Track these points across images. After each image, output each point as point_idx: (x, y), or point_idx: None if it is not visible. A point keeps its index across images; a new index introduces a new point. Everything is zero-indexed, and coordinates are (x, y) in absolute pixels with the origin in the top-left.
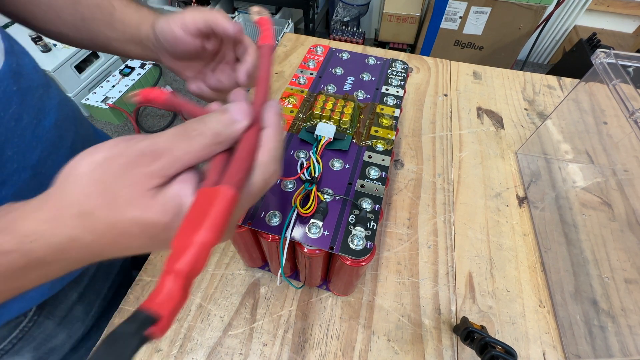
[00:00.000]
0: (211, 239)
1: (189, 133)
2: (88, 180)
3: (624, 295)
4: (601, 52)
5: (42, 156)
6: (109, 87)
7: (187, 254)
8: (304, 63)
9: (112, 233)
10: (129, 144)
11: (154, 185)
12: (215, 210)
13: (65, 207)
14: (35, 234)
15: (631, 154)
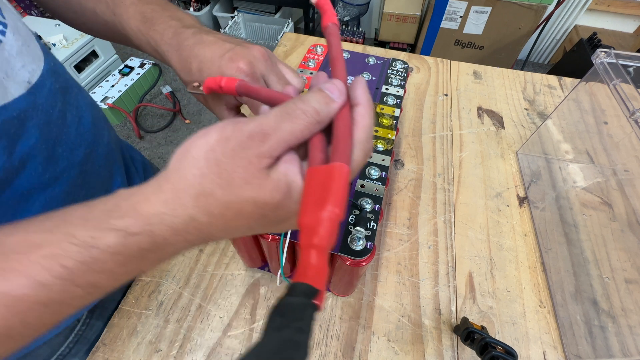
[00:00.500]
0: (339, 213)
1: (292, 113)
2: (205, 162)
3: (624, 296)
4: (602, 51)
5: (85, 153)
6: (108, 87)
7: (322, 230)
8: (304, 63)
9: (227, 213)
10: (237, 127)
11: (265, 166)
12: (337, 187)
13: (183, 188)
14: (158, 216)
15: (632, 154)
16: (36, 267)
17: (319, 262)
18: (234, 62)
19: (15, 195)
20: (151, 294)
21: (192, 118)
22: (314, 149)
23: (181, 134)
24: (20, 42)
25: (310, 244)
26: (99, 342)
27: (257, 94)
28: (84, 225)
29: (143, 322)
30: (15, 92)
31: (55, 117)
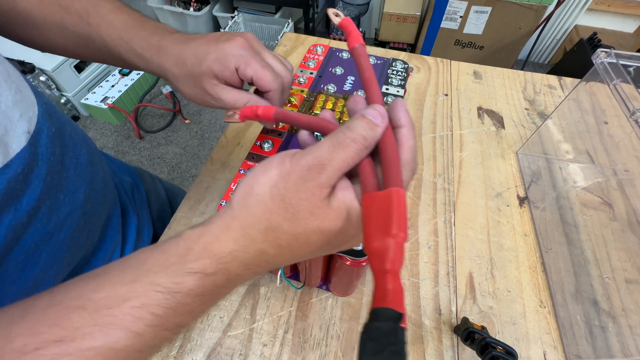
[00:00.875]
0: (405, 237)
1: (343, 142)
2: (270, 198)
3: (624, 296)
4: (602, 51)
5: (85, 194)
6: (108, 87)
7: (392, 254)
8: (304, 63)
9: (294, 244)
10: (294, 160)
11: (325, 195)
12: (398, 212)
13: (252, 224)
14: (231, 254)
15: (632, 154)
16: (130, 319)
17: (396, 286)
18: (232, 40)
19: (23, 251)
20: None
21: (192, 118)
22: (366, 175)
23: (181, 134)
24: (13, 90)
25: (384, 269)
26: None
27: (296, 120)
28: (164, 272)
29: None
30: (16, 146)
31: (55, 163)
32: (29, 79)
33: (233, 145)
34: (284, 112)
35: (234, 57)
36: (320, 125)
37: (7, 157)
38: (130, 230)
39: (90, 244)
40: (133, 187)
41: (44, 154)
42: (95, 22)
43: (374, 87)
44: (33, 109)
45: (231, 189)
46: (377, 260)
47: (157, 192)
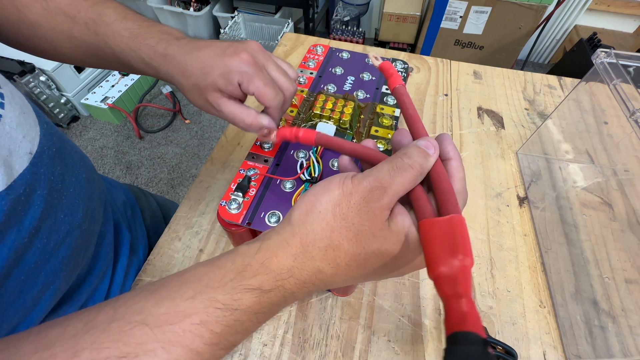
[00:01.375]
0: (471, 261)
1: (402, 167)
2: (332, 216)
3: (624, 296)
4: (602, 51)
5: (83, 213)
6: (108, 87)
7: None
8: (303, 63)
9: (352, 264)
10: (355, 182)
11: (386, 217)
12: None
13: (312, 242)
14: (288, 271)
15: (632, 154)
16: (189, 336)
17: (472, 309)
18: (236, 55)
19: (24, 272)
20: None
21: (192, 118)
22: (423, 201)
23: (181, 134)
24: (17, 111)
25: (457, 293)
26: None
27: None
28: (223, 288)
29: None
30: (19, 167)
31: (56, 183)
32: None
33: (233, 145)
34: (327, 137)
35: (238, 73)
36: (366, 153)
37: (11, 177)
38: (123, 247)
39: (86, 262)
40: (126, 204)
41: (46, 174)
42: (103, 31)
43: (418, 123)
44: (35, 129)
45: (231, 189)
46: (447, 285)
47: (150, 208)
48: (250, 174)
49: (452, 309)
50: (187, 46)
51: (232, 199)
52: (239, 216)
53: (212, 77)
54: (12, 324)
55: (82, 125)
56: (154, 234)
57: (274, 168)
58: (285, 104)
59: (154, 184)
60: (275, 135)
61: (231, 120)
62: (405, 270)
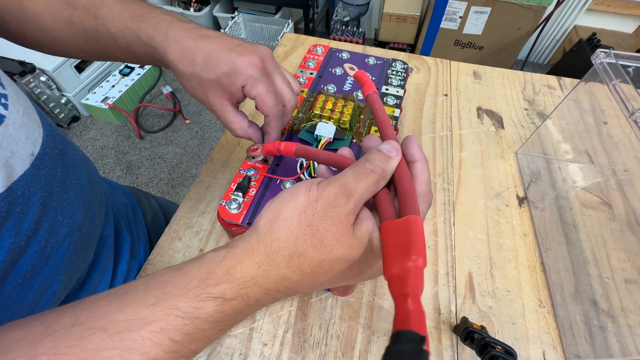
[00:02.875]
0: (423, 262)
1: (364, 172)
2: (297, 223)
3: (624, 295)
4: (601, 52)
5: (83, 216)
6: (108, 87)
7: (413, 278)
8: (303, 63)
9: (317, 271)
10: (321, 187)
11: (352, 222)
12: (416, 238)
13: (277, 249)
14: (252, 279)
15: (631, 154)
16: (148, 344)
17: (417, 309)
18: (246, 56)
19: (21, 275)
20: None
21: (192, 118)
22: (385, 204)
23: (181, 134)
24: (21, 112)
25: (404, 293)
26: None
27: (316, 155)
28: (185, 295)
29: None
30: (20, 169)
31: (56, 185)
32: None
33: (233, 145)
34: (305, 148)
35: (243, 75)
36: (338, 160)
37: (12, 179)
38: (123, 251)
39: (86, 266)
40: (128, 208)
41: (46, 176)
42: (102, 14)
43: (388, 127)
44: (38, 130)
45: (231, 188)
46: (397, 285)
47: (153, 212)
48: (251, 174)
49: (398, 308)
50: (193, 32)
51: (232, 199)
52: (239, 216)
53: (216, 73)
54: None
55: (82, 126)
56: (155, 236)
57: (274, 168)
58: (285, 116)
59: (154, 184)
60: (261, 151)
61: (224, 122)
62: (370, 274)
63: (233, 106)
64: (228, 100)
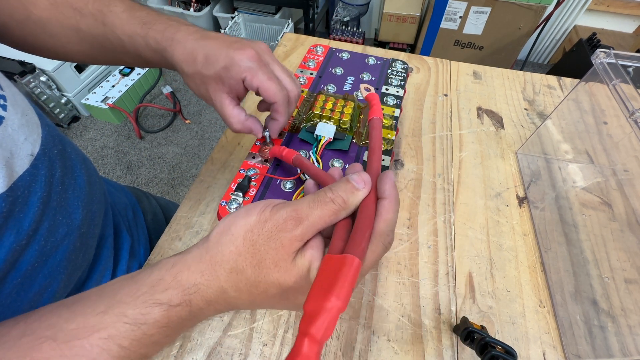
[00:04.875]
0: (341, 306)
1: (322, 200)
2: (242, 240)
3: (624, 295)
4: (601, 52)
5: (83, 216)
6: (108, 87)
7: (321, 320)
8: (304, 63)
9: (253, 291)
10: (274, 210)
11: (295, 249)
12: (343, 279)
13: (219, 262)
14: (195, 286)
15: (631, 154)
16: (97, 350)
17: (309, 353)
18: (243, 50)
19: (20, 274)
20: None
21: (192, 118)
22: (336, 237)
23: (181, 134)
24: (19, 113)
25: (306, 331)
26: None
27: (307, 169)
28: (133, 302)
29: None
30: (20, 169)
31: (55, 185)
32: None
33: (233, 145)
34: (301, 158)
35: (242, 68)
36: (323, 179)
37: (12, 179)
38: (123, 250)
39: (85, 266)
40: (128, 208)
41: (46, 176)
42: (110, 21)
43: (376, 157)
44: (37, 131)
45: (231, 188)
46: (305, 321)
47: (153, 211)
48: (251, 174)
49: (295, 344)
50: (196, 34)
51: (232, 199)
52: None
53: (215, 69)
54: None
55: (82, 126)
56: (155, 236)
57: (274, 168)
58: (290, 104)
59: (154, 184)
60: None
61: (222, 117)
62: None
63: (232, 100)
64: (227, 94)
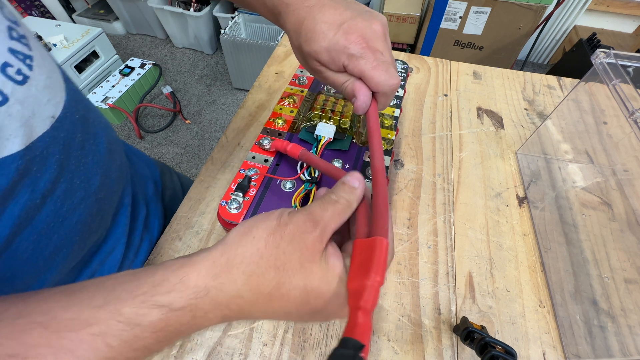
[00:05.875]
0: (382, 280)
1: (328, 202)
2: (264, 243)
3: (623, 295)
4: (601, 52)
5: (100, 182)
6: (108, 87)
7: (367, 294)
8: None
9: (274, 293)
10: (291, 215)
11: (319, 250)
12: (377, 258)
13: (238, 264)
14: (205, 289)
15: (631, 154)
16: (84, 347)
17: (365, 321)
18: (349, 34)
19: (36, 232)
20: None
21: (192, 118)
22: (360, 223)
23: (181, 134)
24: (45, 75)
25: (357, 306)
26: None
27: (315, 163)
28: (131, 300)
29: None
30: (40, 129)
31: (74, 149)
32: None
33: (233, 145)
34: (308, 154)
35: (345, 55)
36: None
37: (30, 139)
38: (138, 222)
39: (101, 232)
40: (149, 180)
41: (65, 139)
42: None
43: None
44: (61, 94)
45: (231, 188)
46: (354, 298)
47: (173, 188)
48: (251, 174)
49: (350, 318)
50: (311, 1)
51: (232, 199)
52: (239, 216)
53: (315, 47)
54: (25, 283)
55: None
56: (171, 213)
57: (274, 168)
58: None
59: None
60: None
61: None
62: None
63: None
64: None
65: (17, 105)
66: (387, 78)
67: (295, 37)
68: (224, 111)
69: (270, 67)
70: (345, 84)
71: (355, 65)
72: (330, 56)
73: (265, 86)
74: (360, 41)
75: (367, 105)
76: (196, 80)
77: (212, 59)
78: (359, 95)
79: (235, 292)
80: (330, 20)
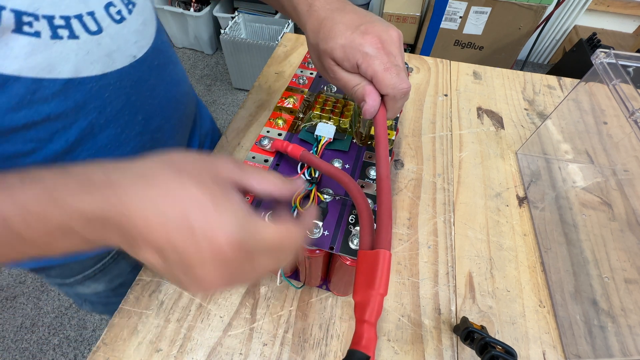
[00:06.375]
0: (383, 292)
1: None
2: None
3: (624, 295)
4: (601, 52)
5: (160, 124)
6: None
7: (370, 307)
8: (304, 63)
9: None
10: None
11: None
12: (382, 270)
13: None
14: None
15: (631, 154)
16: None
17: (369, 334)
18: (366, 35)
19: (94, 148)
20: (152, 293)
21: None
22: (363, 233)
23: None
24: (140, 21)
25: (362, 319)
26: (100, 341)
27: (317, 165)
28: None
29: (144, 321)
30: (119, 63)
31: (144, 89)
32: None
33: (233, 145)
34: (309, 155)
35: (360, 53)
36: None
37: (109, 68)
38: None
39: None
40: (207, 136)
41: (140, 79)
42: None
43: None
44: (148, 40)
45: None
46: (359, 310)
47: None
48: None
49: (356, 330)
50: (334, 4)
51: None
52: None
53: (331, 45)
54: None
55: None
56: None
57: (274, 168)
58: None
59: None
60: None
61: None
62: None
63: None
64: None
65: (107, 38)
66: (398, 81)
67: (314, 35)
68: (224, 111)
69: (270, 67)
70: (355, 87)
71: (369, 64)
72: (345, 54)
73: (265, 86)
74: (377, 42)
75: (376, 110)
76: (196, 80)
77: (212, 59)
78: (368, 99)
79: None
80: (349, 22)
